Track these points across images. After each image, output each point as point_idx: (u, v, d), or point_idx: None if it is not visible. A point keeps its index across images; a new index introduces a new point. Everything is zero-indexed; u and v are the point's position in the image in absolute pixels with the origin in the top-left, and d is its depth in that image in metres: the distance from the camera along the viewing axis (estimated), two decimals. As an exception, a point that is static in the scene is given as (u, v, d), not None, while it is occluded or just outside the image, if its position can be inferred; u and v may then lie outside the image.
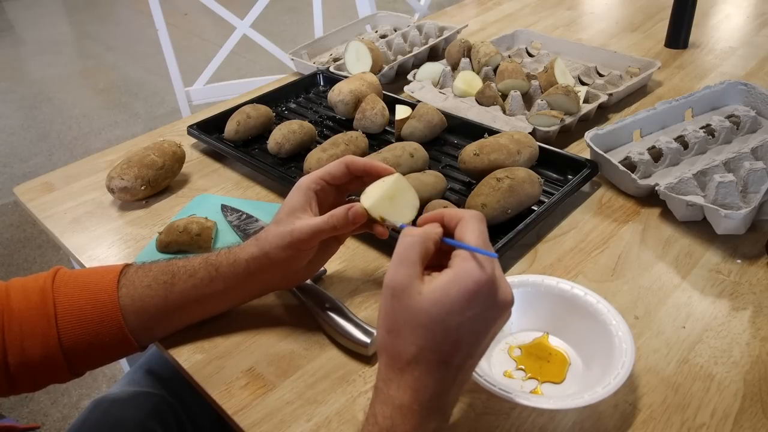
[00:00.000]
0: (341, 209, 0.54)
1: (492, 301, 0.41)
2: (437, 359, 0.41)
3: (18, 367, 0.53)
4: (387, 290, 0.42)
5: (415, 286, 0.41)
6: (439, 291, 0.41)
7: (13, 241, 2.09)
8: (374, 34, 1.33)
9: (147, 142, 0.92)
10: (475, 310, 0.41)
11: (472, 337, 0.41)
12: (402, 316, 0.41)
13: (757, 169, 0.74)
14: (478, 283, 0.40)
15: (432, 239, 0.44)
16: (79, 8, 4.44)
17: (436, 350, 0.41)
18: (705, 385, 0.54)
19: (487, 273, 0.41)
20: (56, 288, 0.55)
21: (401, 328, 0.41)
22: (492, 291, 0.41)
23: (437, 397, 0.42)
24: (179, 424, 0.70)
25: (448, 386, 0.42)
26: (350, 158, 0.58)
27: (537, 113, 0.90)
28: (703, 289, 0.64)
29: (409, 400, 0.41)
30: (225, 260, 0.57)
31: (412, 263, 0.42)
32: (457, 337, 0.41)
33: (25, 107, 3.03)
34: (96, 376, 1.58)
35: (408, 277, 0.41)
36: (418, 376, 0.41)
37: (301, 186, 0.57)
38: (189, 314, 0.59)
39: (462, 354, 0.42)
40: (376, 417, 0.42)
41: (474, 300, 0.40)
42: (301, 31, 3.56)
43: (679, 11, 1.18)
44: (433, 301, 0.40)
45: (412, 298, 0.41)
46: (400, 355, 0.41)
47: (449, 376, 0.42)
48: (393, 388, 0.41)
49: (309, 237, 0.55)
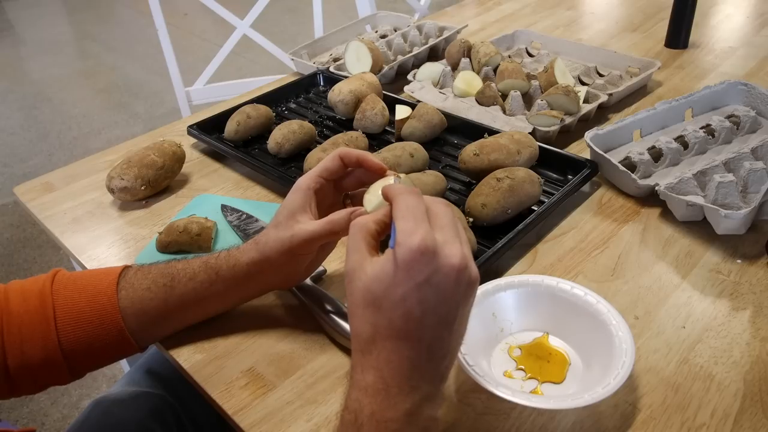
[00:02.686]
0: (343, 213, 0.54)
1: (433, 267, 0.40)
2: (392, 335, 0.41)
3: (18, 370, 0.53)
4: (345, 279, 0.43)
5: (362, 267, 0.42)
6: (377, 267, 0.41)
7: (13, 241, 2.09)
8: (374, 34, 1.33)
9: (147, 142, 0.92)
10: (416, 278, 0.40)
11: (423, 306, 0.40)
12: (353, 299, 0.42)
13: (757, 169, 0.74)
14: (409, 251, 0.40)
15: (373, 220, 0.45)
16: (79, 8, 4.44)
17: (388, 326, 0.41)
18: (705, 385, 0.54)
19: (417, 240, 0.40)
20: (55, 290, 0.55)
21: (354, 311, 0.42)
22: (428, 257, 0.40)
23: (405, 373, 0.41)
24: (179, 424, 0.70)
25: (416, 361, 0.41)
26: (343, 150, 0.57)
27: (537, 113, 0.90)
28: (703, 289, 0.64)
29: (372, 379, 0.41)
30: (225, 264, 0.57)
31: (356, 248, 0.43)
32: (406, 309, 0.40)
33: (25, 107, 3.03)
34: (96, 376, 1.58)
35: (355, 261, 0.43)
36: (377, 355, 0.41)
37: (300, 186, 0.56)
38: (189, 316, 0.59)
39: (419, 325, 0.40)
40: (346, 402, 0.42)
41: (410, 268, 0.40)
42: (301, 31, 3.56)
43: (679, 11, 1.18)
44: (373, 277, 0.41)
45: (360, 279, 0.42)
46: (360, 336, 0.42)
47: (415, 352, 0.41)
48: (358, 371, 0.42)
49: (308, 242, 0.55)
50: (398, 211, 0.43)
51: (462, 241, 0.42)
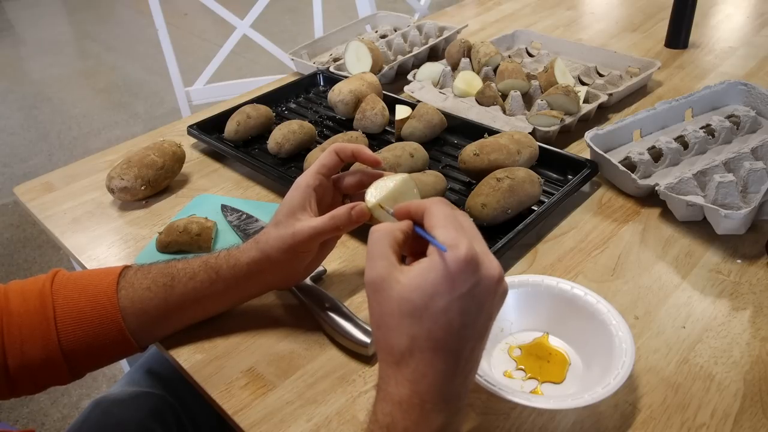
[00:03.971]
0: (343, 209, 0.54)
1: (477, 278, 0.39)
2: (431, 347, 0.39)
3: (18, 370, 0.53)
4: (368, 288, 0.42)
5: (393, 276, 0.40)
6: (418, 277, 0.40)
7: (13, 241, 2.09)
8: (374, 34, 1.33)
9: (147, 142, 0.92)
10: (460, 289, 0.39)
11: (464, 318, 0.40)
12: (386, 309, 0.40)
13: (757, 169, 0.74)
14: (456, 261, 0.39)
15: (399, 228, 0.43)
16: (79, 8, 4.44)
17: (427, 337, 0.39)
18: (705, 385, 0.54)
19: (464, 250, 0.39)
20: (55, 290, 0.55)
21: (388, 321, 0.40)
22: (473, 267, 0.39)
23: (439, 388, 0.40)
24: (179, 424, 0.70)
25: (450, 375, 0.40)
26: (338, 145, 0.58)
27: (537, 113, 0.90)
28: (703, 289, 0.64)
29: (408, 393, 0.40)
30: (225, 263, 0.57)
31: (384, 255, 0.41)
32: (447, 321, 0.39)
33: (25, 107, 3.03)
34: (96, 376, 1.58)
35: (384, 269, 0.41)
36: (414, 368, 0.40)
37: (299, 185, 0.57)
38: (189, 315, 0.59)
39: (458, 338, 0.40)
40: (376, 415, 0.41)
41: (455, 279, 0.39)
42: (301, 31, 3.56)
43: (679, 11, 1.18)
44: (413, 287, 0.39)
45: (393, 288, 0.40)
46: (393, 348, 0.40)
47: (449, 364, 0.40)
48: (391, 384, 0.40)
49: (310, 239, 0.55)
50: (437, 219, 0.42)
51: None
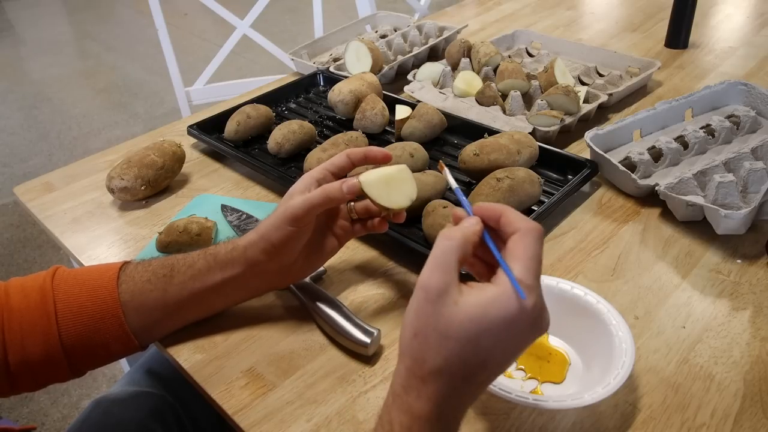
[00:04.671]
0: (336, 183, 0.56)
1: (530, 330, 0.40)
2: (462, 374, 0.40)
3: (18, 366, 0.53)
4: (421, 292, 0.40)
5: (452, 295, 0.39)
6: (478, 308, 0.39)
7: (13, 241, 2.09)
8: (374, 34, 1.33)
9: (147, 142, 0.92)
10: (513, 336, 0.39)
11: (501, 358, 0.40)
12: (433, 323, 0.39)
13: (757, 169, 0.74)
14: (522, 312, 0.38)
15: (471, 242, 0.42)
16: (79, 8, 4.44)
17: (462, 365, 0.39)
18: (705, 385, 0.54)
19: (532, 302, 0.39)
20: (56, 286, 0.55)
21: (430, 334, 0.39)
22: (532, 321, 0.39)
23: (454, 411, 0.41)
24: (179, 424, 0.70)
25: (466, 400, 0.42)
26: (351, 150, 0.59)
27: (537, 113, 0.90)
28: (703, 289, 0.64)
29: (428, 411, 0.40)
30: (223, 248, 0.58)
31: (449, 269, 0.40)
32: (486, 357, 0.39)
33: (25, 107, 3.03)
34: (96, 376, 1.58)
35: (444, 284, 0.39)
36: (439, 388, 0.40)
37: (304, 175, 0.58)
38: (188, 310, 0.59)
39: (487, 372, 0.41)
40: (392, 424, 0.41)
41: (512, 327, 0.39)
42: (301, 31, 3.56)
43: (679, 11, 1.18)
44: (470, 316, 0.39)
45: (447, 306, 0.39)
46: (425, 362, 0.40)
47: (469, 391, 0.41)
48: (413, 397, 0.40)
49: (304, 211, 0.55)
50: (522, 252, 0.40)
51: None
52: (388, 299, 0.65)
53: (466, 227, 0.43)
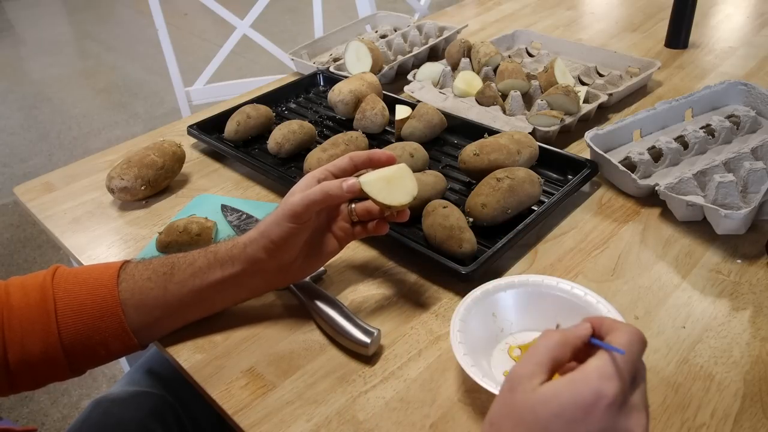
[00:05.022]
0: (336, 181, 0.56)
1: (611, 425, 0.35)
2: None
3: (18, 365, 0.53)
4: (507, 382, 0.39)
5: (533, 382, 0.37)
6: (551, 390, 0.36)
7: (13, 241, 2.09)
8: (374, 34, 1.33)
9: (147, 142, 0.92)
10: (588, 426, 0.35)
11: None
12: (507, 410, 0.38)
13: (757, 169, 0.74)
14: (597, 395, 0.35)
15: (571, 344, 0.39)
16: (79, 8, 4.44)
17: None
18: (705, 385, 0.54)
19: (613, 391, 0.35)
20: (56, 284, 0.55)
21: (503, 422, 0.38)
22: (613, 412, 0.35)
23: None
24: (179, 424, 0.70)
25: None
26: (354, 153, 0.60)
27: (537, 113, 0.90)
28: (703, 289, 0.64)
29: None
30: (224, 246, 0.58)
31: (538, 361, 0.38)
32: None
33: (25, 107, 3.03)
34: (96, 376, 1.58)
35: (530, 372, 0.38)
36: None
37: (306, 176, 0.59)
38: (188, 308, 0.59)
39: None
40: None
41: (588, 414, 0.35)
42: (301, 31, 3.56)
43: (679, 11, 1.18)
44: (542, 400, 0.36)
45: (525, 392, 0.37)
46: None
47: None
48: None
49: (303, 207, 0.55)
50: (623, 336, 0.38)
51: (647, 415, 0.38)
52: (388, 299, 0.65)
53: (569, 328, 0.41)
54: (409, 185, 0.58)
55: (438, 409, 0.53)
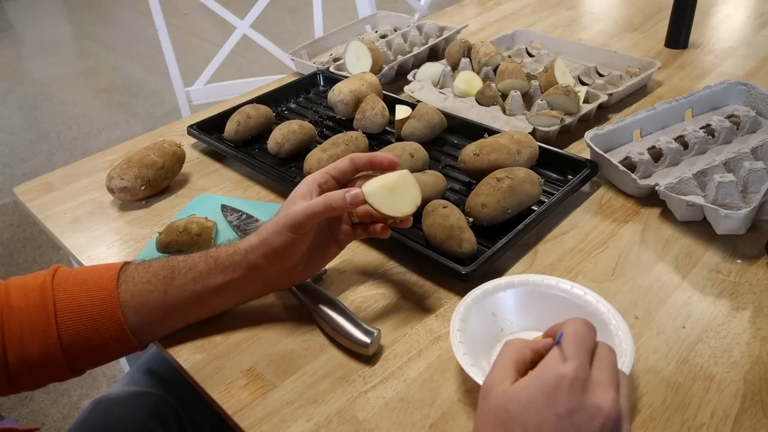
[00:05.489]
0: (339, 192, 0.55)
1: (579, 403, 0.37)
2: None
3: (17, 365, 0.53)
4: (480, 392, 0.41)
5: (503, 385, 0.39)
6: (519, 386, 0.39)
7: (13, 241, 2.09)
8: (374, 34, 1.33)
9: (147, 142, 0.92)
10: (557, 408, 0.37)
11: None
12: (485, 417, 0.39)
13: (757, 169, 0.74)
14: (559, 377, 0.37)
15: (530, 345, 0.42)
16: (79, 8, 4.44)
17: None
18: (705, 385, 0.54)
19: (571, 369, 0.38)
20: (56, 285, 0.55)
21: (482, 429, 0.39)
22: (576, 390, 0.37)
23: None
24: (179, 424, 0.70)
25: None
26: (355, 154, 0.59)
27: (537, 113, 0.90)
28: (703, 289, 0.64)
29: None
30: (224, 251, 0.58)
31: (504, 366, 0.41)
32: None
33: (25, 107, 3.03)
34: (96, 376, 1.58)
35: (498, 377, 0.40)
36: None
37: (306, 179, 0.58)
38: (188, 311, 0.59)
39: None
40: None
41: (555, 397, 0.37)
42: (301, 31, 3.56)
43: (679, 11, 1.18)
44: (512, 396, 0.38)
45: (497, 396, 0.39)
46: None
47: None
48: None
49: (305, 218, 0.55)
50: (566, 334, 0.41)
51: (621, 394, 0.40)
52: (388, 299, 0.65)
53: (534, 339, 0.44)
54: (412, 194, 0.58)
55: (438, 409, 0.53)
